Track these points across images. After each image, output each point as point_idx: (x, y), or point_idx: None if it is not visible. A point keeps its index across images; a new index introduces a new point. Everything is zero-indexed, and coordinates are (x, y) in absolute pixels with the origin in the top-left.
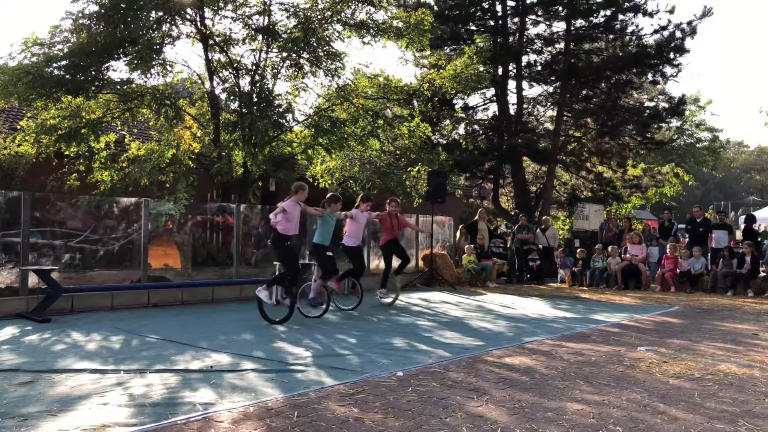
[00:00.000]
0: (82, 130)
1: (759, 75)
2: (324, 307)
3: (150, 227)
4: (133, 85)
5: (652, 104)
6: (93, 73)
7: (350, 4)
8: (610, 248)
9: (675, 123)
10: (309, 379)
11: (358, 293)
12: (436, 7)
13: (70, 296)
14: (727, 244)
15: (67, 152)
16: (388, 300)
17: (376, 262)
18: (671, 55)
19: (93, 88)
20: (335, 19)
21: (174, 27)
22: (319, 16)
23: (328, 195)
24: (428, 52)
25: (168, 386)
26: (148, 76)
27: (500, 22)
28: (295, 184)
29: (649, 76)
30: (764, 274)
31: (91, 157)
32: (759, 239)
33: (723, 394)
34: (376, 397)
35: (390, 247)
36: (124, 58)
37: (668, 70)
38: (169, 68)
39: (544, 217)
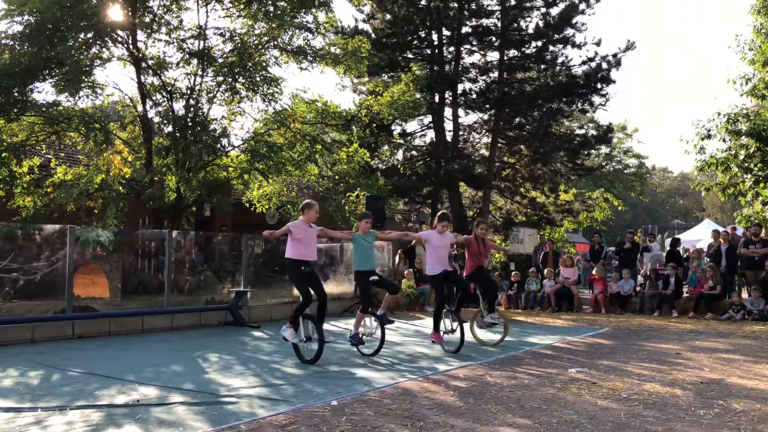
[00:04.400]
0: (3, 154)
1: (679, 105)
2: (378, 342)
3: (75, 255)
4: (60, 108)
5: (582, 132)
6: (16, 95)
7: (287, 29)
8: (546, 271)
9: (604, 150)
10: (240, 410)
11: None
12: (373, 35)
13: None
14: (654, 267)
15: None
16: (496, 338)
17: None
18: (598, 85)
19: (15, 110)
20: (272, 44)
21: (104, 49)
22: (255, 41)
23: (359, 213)
24: (366, 79)
25: (90, 423)
26: (77, 98)
27: (436, 50)
28: (304, 202)
29: (579, 105)
30: (687, 294)
31: (12, 181)
32: (685, 262)
33: (647, 413)
34: (309, 428)
35: (478, 275)
36: (51, 80)
37: (596, 99)
38: (99, 91)
39: None
